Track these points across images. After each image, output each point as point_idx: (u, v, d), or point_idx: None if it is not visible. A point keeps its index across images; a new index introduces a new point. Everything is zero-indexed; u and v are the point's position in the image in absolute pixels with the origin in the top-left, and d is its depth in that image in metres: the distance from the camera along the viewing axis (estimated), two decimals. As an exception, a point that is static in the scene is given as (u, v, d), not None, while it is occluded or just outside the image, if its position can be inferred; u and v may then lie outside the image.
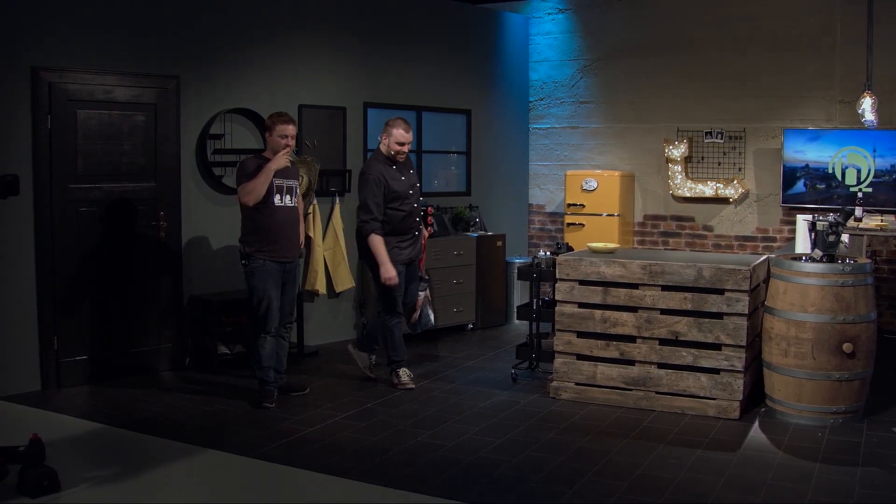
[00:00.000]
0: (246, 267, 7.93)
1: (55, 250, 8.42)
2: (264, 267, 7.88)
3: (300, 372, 9.18)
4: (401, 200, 8.46)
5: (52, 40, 8.31)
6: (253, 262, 7.89)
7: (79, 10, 8.45)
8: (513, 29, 12.76)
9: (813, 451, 6.91)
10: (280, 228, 7.94)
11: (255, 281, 7.91)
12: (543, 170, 13.07)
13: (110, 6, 8.64)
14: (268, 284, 7.90)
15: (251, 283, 7.94)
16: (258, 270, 7.88)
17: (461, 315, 11.24)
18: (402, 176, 8.54)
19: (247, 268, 7.93)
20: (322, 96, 10.34)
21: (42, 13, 8.21)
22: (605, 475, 6.38)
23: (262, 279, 7.89)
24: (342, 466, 6.49)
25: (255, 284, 7.91)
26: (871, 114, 9.68)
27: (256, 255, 7.89)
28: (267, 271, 7.89)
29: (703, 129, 11.91)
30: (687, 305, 7.79)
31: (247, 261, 7.91)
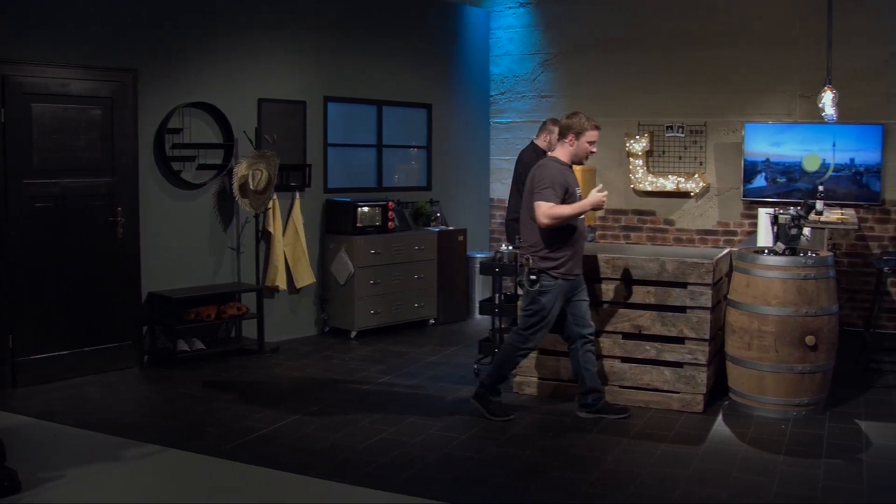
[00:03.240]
0: (534, 284, 7.35)
1: (10, 247, 8.28)
2: (557, 284, 7.34)
3: (261, 369, 9.10)
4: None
5: (6, 32, 8.16)
6: (545, 280, 7.32)
7: (33, 2, 8.31)
8: (474, 23, 12.72)
9: (776, 444, 6.94)
10: (578, 241, 7.45)
11: (541, 301, 7.33)
12: (505, 164, 13.02)
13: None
14: (554, 305, 7.37)
15: (534, 301, 7.36)
16: (550, 291, 7.34)
17: (423, 310, 11.20)
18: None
19: (535, 286, 7.35)
20: (282, 90, 10.26)
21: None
22: (570, 469, 6.36)
23: (553, 299, 7.35)
24: (305, 464, 6.42)
25: (541, 304, 7.34)
26: (831, 108, 9.73)
27: (551, 274, 7.32)
28: (560, 288, 7.37)
29: (665, 123, 11.92)
30: (650, 299, 7.79)
31: (537, 276, 7.33)
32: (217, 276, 9.79)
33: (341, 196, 10.77)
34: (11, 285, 8.31)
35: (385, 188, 11.47)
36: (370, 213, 10.56)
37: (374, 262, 10.56)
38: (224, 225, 9.82)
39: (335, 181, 10.91)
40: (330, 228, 10.68)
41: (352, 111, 11.14)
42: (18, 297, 8.37)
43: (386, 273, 10.69)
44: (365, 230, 10.51)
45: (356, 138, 11.25)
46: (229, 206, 9.80)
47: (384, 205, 10.72)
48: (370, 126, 11.38)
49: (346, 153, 11.13)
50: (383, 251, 10.65)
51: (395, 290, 10.82)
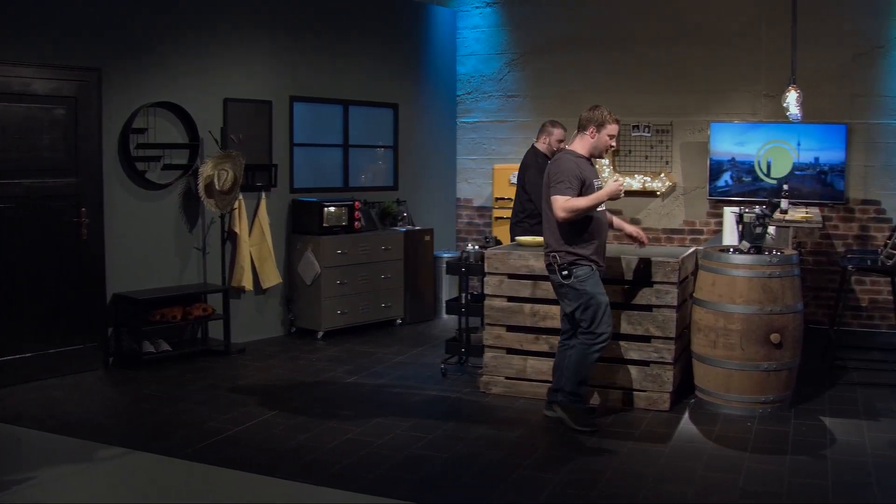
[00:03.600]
0: (569, 278, 7.18)
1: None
2: (592, 270, 7.19)
3: (227, 370, 9.06)
4: None
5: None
6: (578, 269, 7.18)
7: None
8: (440, 22, 12.71)
9: (743, 441, 6.97)
10: (600, 233, 7.35)
11: (588, 288, 7.15)
12: (471, 164, 13.04)
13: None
14: (599, 289, 7.20)
15: (581, 294, 7.16)
16: (589, 278, 7.19)
17: (390, 310, 11.18)
18: None
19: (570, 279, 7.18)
20: (248, 90, 10.21)
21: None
22: (536, 469, 6.36)
23: (595, 285, 7.19)
24: (272, 465, 6.40)
25: (589, 293, 7.15)
26: (795, 107, 9.80)
27: (581, 263, 7.20)
28: (596, 277, 7.23)
29: (631, 122, 11.95)
30: (616, 298, 7.80)
31: (569, 270, 7.18)
32: (183, 276, 9.73)
33: (308, 196, 10.73)
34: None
35: (352, 188, 11.44)
36: (337, 213, 10.53)
37: (341, 262, 10.53)
38: (190, 225, 9.77)
39: (301, 181, 10.87)
40: (296, 228, 10.64)
41: (318, 111, 11.11)
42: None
43: (353, 273, 10.67)
44: (331, 230, 10.48)
45: (322, 138, 11.21)
46: (195, 206, 9.74)
47: (351, 205, 10.69)
48: (336, 126, 11.34)
49: (313, 153, 11.09)
50: (350, 251, 10.62)
51: (361, 291, 10.79)
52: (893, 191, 11.05)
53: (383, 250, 11.04)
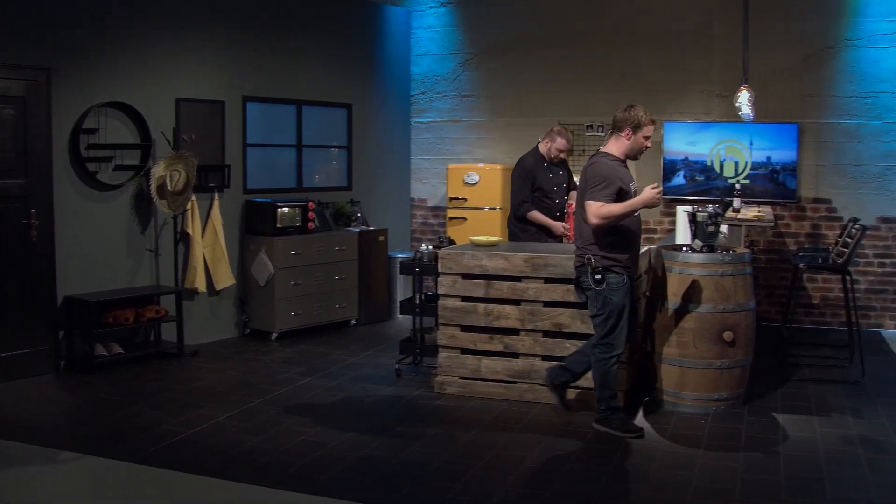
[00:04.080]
0: (599, 283, 7.03)
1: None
2: (624, 280, 7.06)
3: (181, 372, 8.99)
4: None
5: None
6: (612, 276, 7.04)
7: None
8: (394, 22, 12.69)
9: (696, 439, 7.02)
10: (635, 239, 7.25)
11: (614, 297, 7.02)
12: (426, 164, 13.03)
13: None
14: (626, 300, 7.08)
15: (607, 301, 7.03)
16: (620, 287, 7.06)
17: (344, 311, 11.15)
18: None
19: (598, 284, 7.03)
20: (200, 90, 10.14)
21: None
22: (492, 469, 6.37)
23: (624, 296, 7.06)
24: (226, 468, 6.36)
25: (615, 301, 7.03)
26: (747, 107, 9.88)
27: (616, 270, 7.05)
28: (627, 287, 7.10)
29: (585, 122, 11.99)
30: (570, 297, 7.80)
31: (602, 276, 7.03)
32: (135, 278, 9.64)
33: (261, 196, 10.67)
34: (-79, 290, 8.12)
35: (305, 188, 11.39)
36: (290, 213, 10.48)
37: (295, 262, 10.49)
38: (142, 227, 9.68)
39: (255, 182, 10.81)
40: (249, 229, 10.58)
41: (271, 111, 11.05)
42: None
43: (307, 274, 10.62)
44: (285, 231, 10.43)
45: (276, 138, 11.15)
46: (147, 207, 9.66)
47: (304, 205, 10.65)
48: (290, 126, 11.28)
49: (266, 153, 11.04)
50: (304, 252, 10.58)
51: (315, 291, 10.75)
52: (844, 189, 11.17)
53: (337, 251, 11.00)
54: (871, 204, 11.12)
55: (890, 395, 8.30)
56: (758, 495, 5.95)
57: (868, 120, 11.11)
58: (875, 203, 11.09)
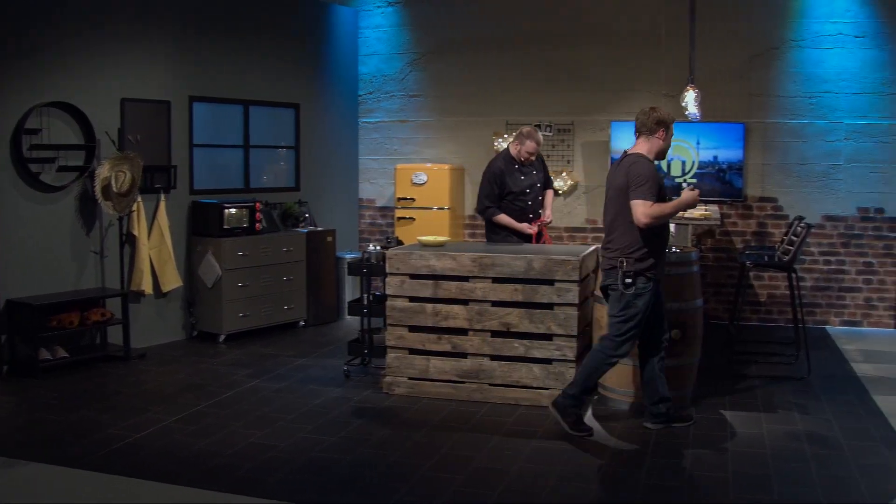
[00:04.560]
0: (629, 288, 7.00)
1: None
2: (651, 286, 7.05)
3: (127, 376, 8.90)
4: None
5: None
6: (640, 282, 7.01)
7: None
8: (342, 22, 12.64)
9: (645, 437, 7.06)
10: (667, 243, 7.27)
11: (638, 303, 7.01)
12: (374, 164, 13.00)
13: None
14: (646, 308, 7.06)
15: (629, 305, 7.02)
16: (646, 294, 7.03)
17: (292, 312, 11.09)
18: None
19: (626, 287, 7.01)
20: (146, 90, 10.04)
21: None
22: (440, 469, 6.35)
23: (646, 303, 7.04)
24: (174, 472, 6.29)
25: (638, 307, 7.02)
26: (694, 107, 9.95)
27: (646, 275, 7.02)
28: (653, 290, 7.08)
29: (533, 122, 12.01)
30: (518, 297, 7.83)
31: (633, 280, 7.00)
32: (80, 281, 9.53)
33: (208, 197, 10.59)
34: None
35: (253, 189, 11.31)
36: (237, 214, 10.42)
37: (242, 264, 10.42)
38: (87, 228, 9.57)
39: (201, 182, 10.72)
40: (196, 230, 10.49)
41: (218, 111, 10.97)
42: None
43: (254, 275, 10.56)
44: (232, 232, 10.36)
45: (223, 139, 11.08)
46: (92, 208, 9.55)
47: (252, 206, 10.58)
48: (237, 126, 11.20)
49: (213, 154, 10.96)
50: (251, 253, 10.51)
51: (263, 293, 10.69)
52: (789, 188, 11.28)
53: (285, 252, 10.95)
54: (815, 202, 11.25)
55: (835, 391, 8.39)
56: (706, 492, 5.99)
57: (812, 119, 11.24)
58: (820, 201, 11.21)
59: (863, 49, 11.12)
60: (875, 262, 11.28)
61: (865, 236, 11.28)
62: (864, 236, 11.28)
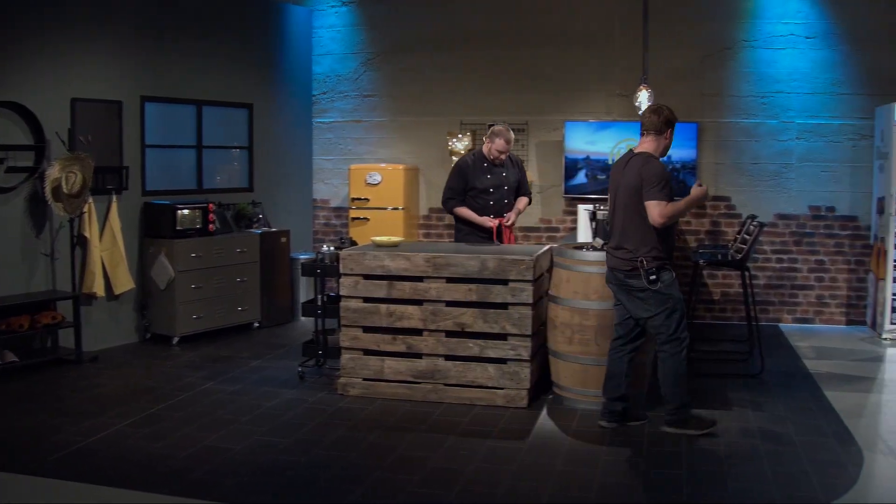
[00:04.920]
0: (656, 283, 7.04)
1: None
2: (675, 278, 7.17)
3: (79, 379, 8.79)
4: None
5: None
6: (660, 277, 7.07)
7: None
8: (296, 21, 12.58)
9: (600, 436, 7.09)
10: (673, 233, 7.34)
11: (672, 292, 7.10)
12: (328, 164, 12.95)
13: None
14: (680, 294, 7.19)
15: (667, 297, 7.08)
16: (673, 283, 7.14)
17: (246, 314, 11.02)
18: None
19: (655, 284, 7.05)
20: (97, 90, 9.93)
21: None
22: (395, 470, 6.34)
23: (677, 290, 7.16)
24: (128, 477, 6.23)
25: (674, 296, 7.12)
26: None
27: (667, 267, 7.14)
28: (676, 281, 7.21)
29: (487, 121, 12.01)
30: (472, 297, 7.82)
31: (657, 275, 7.04)
32: (30, 283, 9.41)
33: (160, 198, 10.50)
34: None
35: (206, 190, 11.23)
36: (190, 215, 10.33)
37: (196, 265, 10.34)
38: (37, 230, 9.45)
39: (154, 183, 10.63)
40: (149, 232, 10.40)
41: (170, 111, 10.88)
42: None
43: (208, 277, 10.49)
44: (185, 233, 10.27)
45: (175, 139, 10.98)
46: (42, 210, 9.43)
47: (205, 207, 10.50)
48: (190, 126, 11.11)
49: (165, 154, 10.86)
50: (205, 254, 10.43)
51: (217, 294, 10.62)
52: (742, 187, 11.37)
53: (239, 253, 10.88)
54: (768, 201, 11.35)
55: (788, 388, 8.46)
56: (661, 490, 6.02)
57: (765, 119, 11.34)
58: (772, 200, 11.31)
59: (814, 50, 11.24)
60: (826, 259, 11.40)
61: (817, 234, 11.39)
62: (816, 234, 11.39)
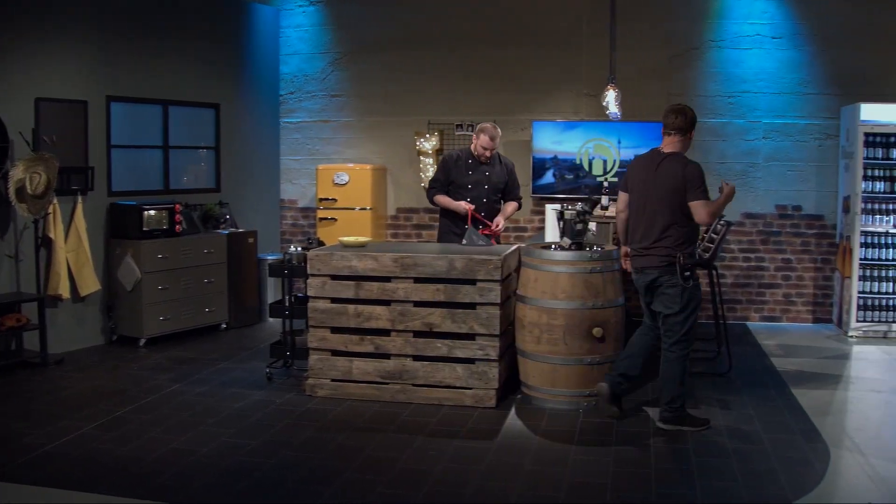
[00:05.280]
0: (688, 281, 7.18)
1: None
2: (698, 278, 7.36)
3: (44, 382, 8.72)
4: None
5: None
6: (693, 276, 7.23)
7: None
8: (263, 21, 12.52)
9: (569, 435, 7.09)
10: None
11: (697, 294, 7.27)
12: (295, 164, 12.90)
13: None
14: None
15: (693, 297, 7.24)
16: (698, 285, 7.32)
17: (213, 315, 10.97)
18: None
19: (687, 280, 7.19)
20: (61, 89, 9.85)
21: None
22: (364, 471, 6.32)
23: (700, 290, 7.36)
24: (93, 480, 6.17)
25: (697, 297, 7.30)
26: (615, 106, 10.00)
27: (696, 268, 7.32)
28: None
29: (455, 121, 12.01)
30: (440, 297, 7.81)
31: (690, 273, 7.19)
32: (-6, 285, 9.36)
33: (126, 199, 10.42)
34: None
35: (173, 190, 11.16)
36: (157, 216, 10.27)
37: (163, 266, 10.27)
38: (0, 232, 9.37)
39: (120, 184, 10.55)
40: (115, 233, 10.32)
41: (136, 111, 10.79)
42: None
43: (175, 278, 10.42)
44: (152, 234, 10.20)
45: (141, 139, 10.90)
46: (6, 211, 9.35)
47: (171, 207, 10.44)
48: (156, 127, 11.04)
49: (132, 155, 10.78)
50: (171, 255, 10.37)
51: (184, 296, 10.56)
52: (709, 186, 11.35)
53: (206, 254, 10.82)
54: (735, 200, 11.22)
55: (755, 386, 8.51)
56: (630, 489, 6.02)
57: (732, 119, 11.40)
58: (739, 199, 11.34)
59: (780, 50, 11.31)
60: (793, 258, 11.47)
61: (784, 233, 11.46)
62: (783, 233, 11.46)
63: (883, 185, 10.63)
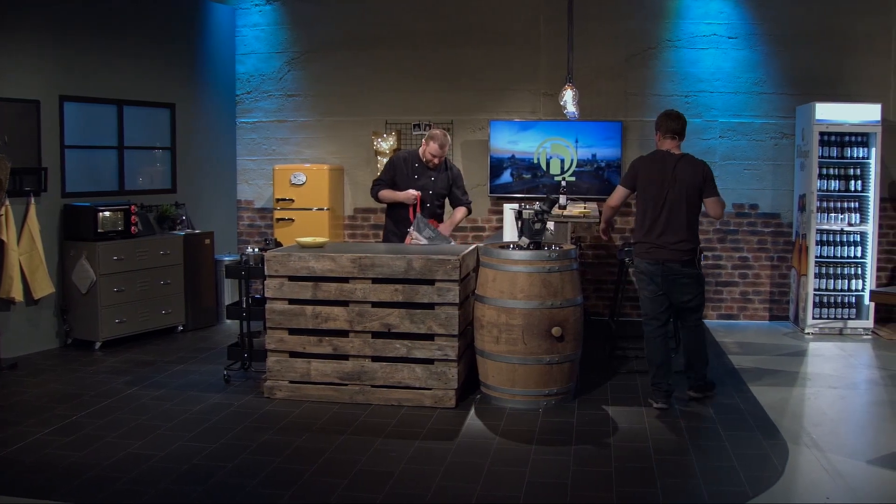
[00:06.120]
0: (700, 266, 8.10)
1: None
2: None
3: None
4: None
5: None
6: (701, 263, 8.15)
7: None
8: (219, 20, 12.43)
9: (528, 434, 7.08)
10: None
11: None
12: (252, 164, 12.82)
13: None
14: None
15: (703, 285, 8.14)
16: None
17: (170, 317, 10.87)
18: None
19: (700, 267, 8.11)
20: (13, 88, 9.72)
21: None
22: (323, 474, 6.28)
23: None
24: (48, 487, 6.09)
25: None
26: (572, 105, 10.03)
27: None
28: None
29: (412, 121, 11.99)
30: (398, 297, 7.79)
31: (701, 261, 8.15)
32: (-54, 288, 9.22)
33: (81, 200, 10.31)
34: None
35: (128, 191, 11.05)
36: (112, 217, 10.16)
37: (118, 268, 10.17)
38: (-48, 234, 9.26)
39: (74, 185, 10.43)
40: (69, 235, 10.20)
41: (90, 111, 10.68)
42: None
43: (130, 280, 10.32)
44: (107, 235, 10.10)
45: (96, 139, 10.78)
46: (-43, 213, 9.24)
47: (127, 209, 10.33)
48: (111, 127, 10.93)
49: (86, 155, 10.66)
50: (127, 257, 10.27)
51: (140, 298, 10.46)
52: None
53: (162, 255, 10.73)
54: (691, 199, 11.42)
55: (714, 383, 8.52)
56: (590, 487, 6.03)
57: (688, 118, 11.25)
58: (696, 198, 11.40)
59: (736, 50, 11.38)
60: (750, 256, 11.54)
61: (741, 232, 11.53)
62: (740, 232, 11.53)
63: (838, 184, 10.73)
